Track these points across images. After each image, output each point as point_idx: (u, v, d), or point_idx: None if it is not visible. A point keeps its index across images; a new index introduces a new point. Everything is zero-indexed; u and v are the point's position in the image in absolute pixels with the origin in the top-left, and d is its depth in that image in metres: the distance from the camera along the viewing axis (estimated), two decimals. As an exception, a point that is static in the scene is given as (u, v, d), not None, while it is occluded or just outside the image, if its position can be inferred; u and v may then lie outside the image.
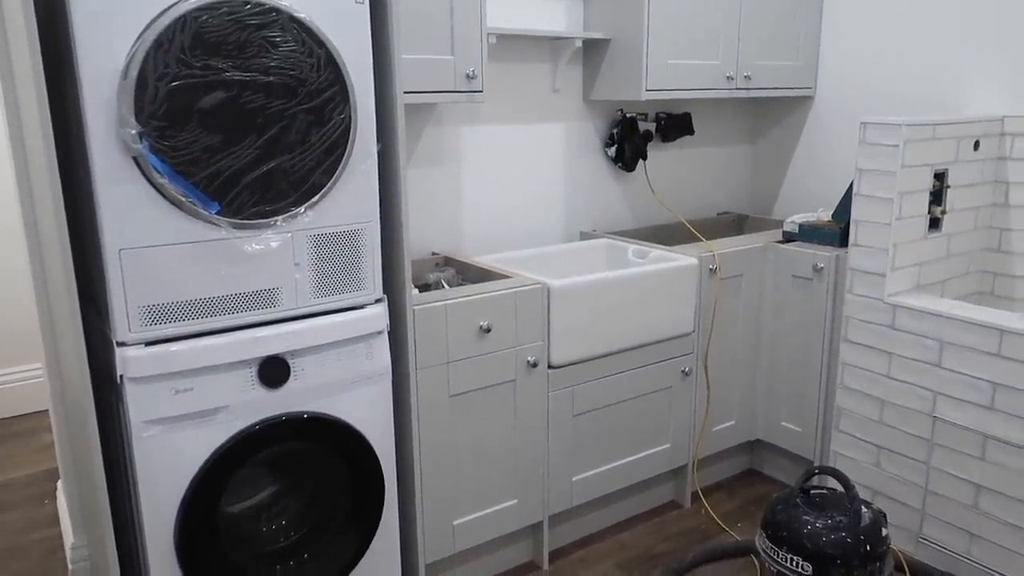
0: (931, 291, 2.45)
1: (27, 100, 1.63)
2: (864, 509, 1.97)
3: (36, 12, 1.45)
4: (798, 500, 2.01)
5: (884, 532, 1.94)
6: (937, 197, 2.40)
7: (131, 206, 1.49)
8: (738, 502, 2.77)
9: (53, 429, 2.47)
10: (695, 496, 2.76)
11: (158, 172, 1.48)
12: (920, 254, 2.40)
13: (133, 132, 1.44)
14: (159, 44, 1.44)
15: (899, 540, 2.38)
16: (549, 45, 2.74)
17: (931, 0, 2.72)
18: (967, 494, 2.19)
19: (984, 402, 2.11)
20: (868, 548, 1.90)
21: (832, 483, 2.45)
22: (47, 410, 2.68)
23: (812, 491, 2.05)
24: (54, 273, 1.74)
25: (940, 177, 2.39)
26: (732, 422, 2.81)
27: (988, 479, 2.13)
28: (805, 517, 1.96)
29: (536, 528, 2.39)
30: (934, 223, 2.41)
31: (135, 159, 1.47)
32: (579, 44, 2.68)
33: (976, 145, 2.46)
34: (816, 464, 2.65)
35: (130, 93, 1.43)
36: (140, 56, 1.43)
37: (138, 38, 1.43)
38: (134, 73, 1.43)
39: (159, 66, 1.44)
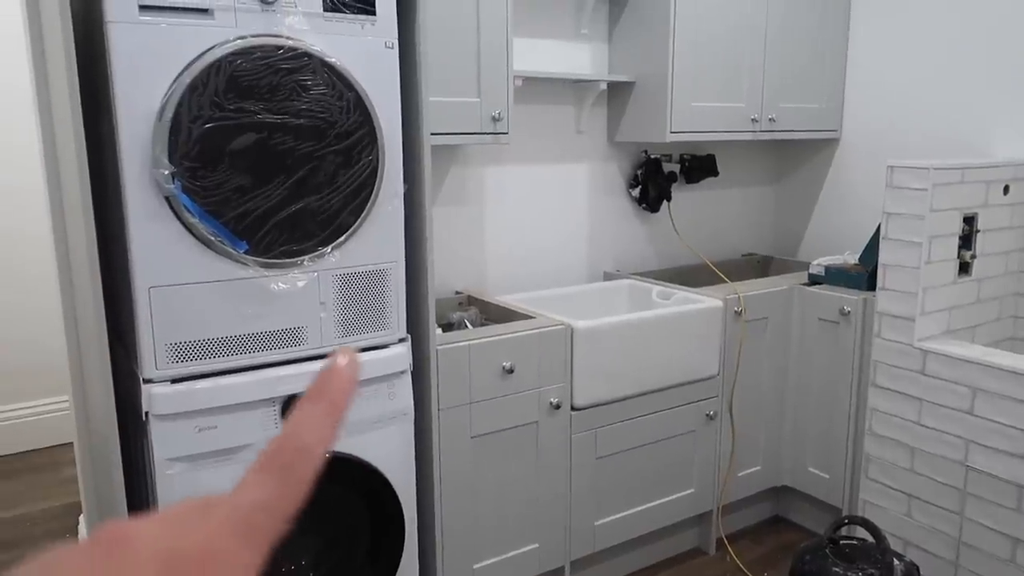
0: (962, 336, 2.41)
1: (64, 139, 1.67)
2: (896, 561, 1.92)
3: (76, 54, 1.49)
4: (827, 551, 1.96)
5: (917, 586, 1.88)
6: (967, 241, 2.37)
7: (162, 244, 1.51)
8: (764, 550, 2.71)
9: (77, 463, 2.48)
10: (720, 543, 2.70)
11: (189, 212, 1.50)
12: (950, 299, 2.36)
13: (166, 172, 1.46)
14: (194, 87, 1.47)
15: (932, 594, 2.31)
16: (574, 87, 2.76)
17: (959, 42, 2.72)
18: (1003, 547, 2.12)
19: (1019, 451, 2.05)
20: (901, 602, 1.84)
21: (862, 533, 2.39)
22: (71, 443, 2.70)
23: (842, 541, 2.00)
24: (84, 309, 1.77)
25: (970, 221, 2.36)
26: (758, 467, 2.76)
27: (1025, 532, 2.06)
28: (835, 569, 1.90)
29: (557, 573, 2.35)
30: (964, 267, 2.38)
31: (167, 199, 1.49)
32: (604, 86, 2.70)
33: (1006, 189, 2.44)
34: (845, 513, 2.59)
35: (164, 134, 1.46)
36: (175, 99, 1.46)
37: (174, 81, 1.47)
38: (169, 115, 1.46)
39: (193, 108, 1.48)
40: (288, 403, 1.67)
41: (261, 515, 0.29)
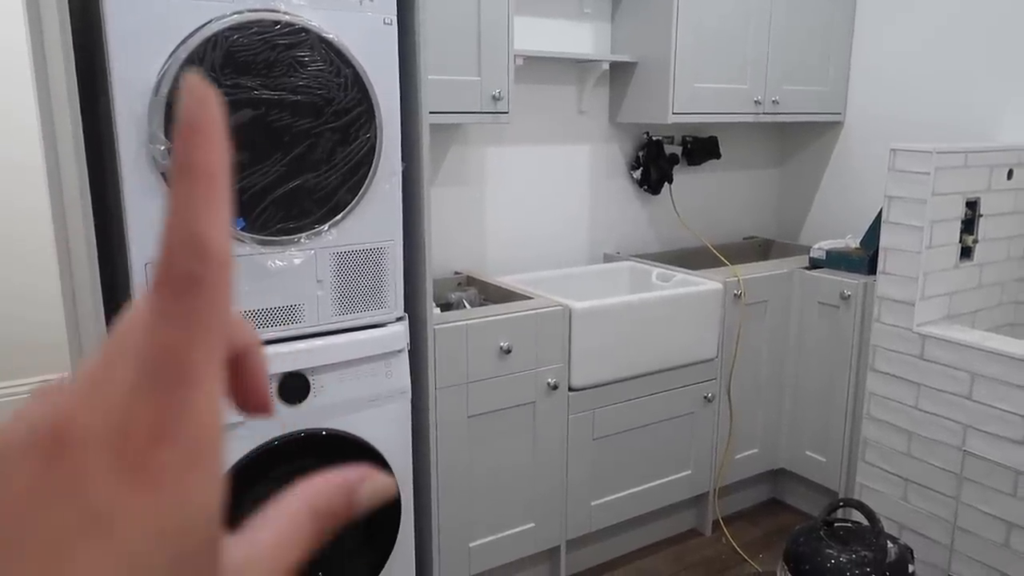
0: (962, 321, 2.40)
1: (62, 115, 1.66)
2: (890, 544, 1.92)
3: (72, 30, 1.48)
4: (822, 533, 1.97)
5: (911, 569, 1.89)
6: (969, 226, 2.36)
7: (158, 221, 1.51)
8: (760, 532, 2.72)
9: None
10: (716, 524, 2.71)
11: (185, 188, 1.49)
12: (951, 283, 2.35)
13: (162, 148, 1.46)
14: (190, 62, 1.46)
15: (926, 577, 2.32)
16: (576, 67, 2.74)
17: (964, 26, 2.69)
18: (998, 532, 2.12)
19: (1016, 437, 2.05)
20: (894, 584, 1.85)
21: (857, 516, 2.40)
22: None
23: (836, 524, 2.01)
24: (82, 285, 1.77)
25: (972, 206, 2.35)
26: (755, 450, 2.76)
27: (1020, 517, 2.07)
28: (828, 551, 1.91)
29: (553, 552, 2.36)
30: (966, 252, 2.37)
31: (163, 175, 1.49)
32: (606, 67, 2.68)
33: (1010, 174, 2.42)
34: (841, 496, 2.60)
35: (161, 110, 1.45)
36: (172, 74, 1.45)
37: (170, 56, 1.46)
38: (165, 90, 1.45)
39: (189, 84, 1.46)
40: (284, 381, 1.68)
41: (179, 354, 0.21)
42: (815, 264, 2.72)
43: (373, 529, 1.88)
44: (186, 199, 0.22)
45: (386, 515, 1.89)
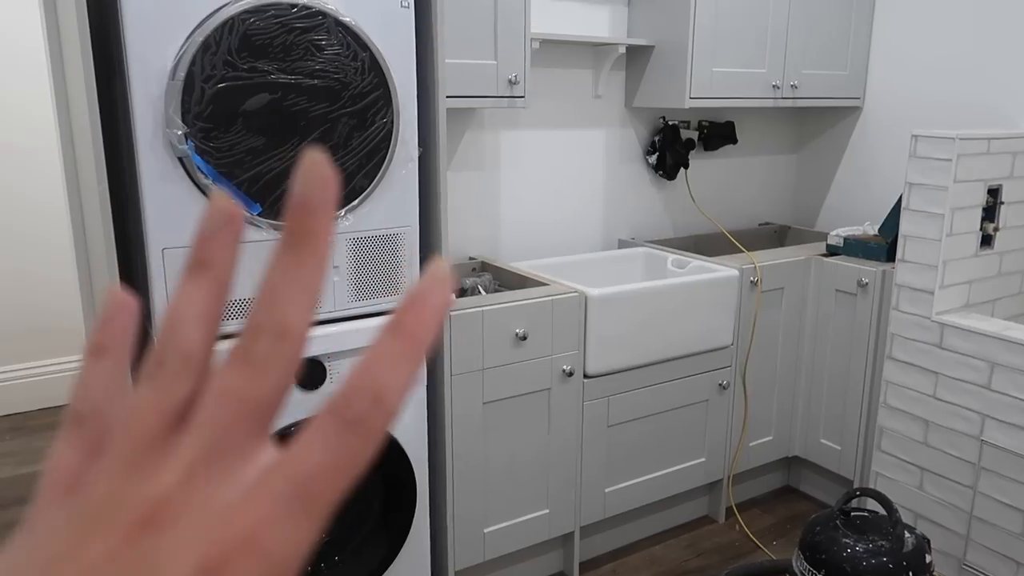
0: (981, 310, 2.38)
1: (78, 100, 1.66)
2: (907, 534, 1.91)
3: (88, 13, 1.47)
4: (838, 522, 1.96)
5: (927, 558, 1.88)
6: (990, 213, 2.32)
7: (175, 206, 1.50)
8: (774, 519, 2.71)
9: (93, 422, 2.50)
10: (729, 512, 2.71)
11: (202, 173, 1.49)
12: (970, 272, 2.33)
13: (179, 133, 1.45)
14: (207, 46, 1.45)
15: (942, 567, 2.31)
16: (592, 51, 2.71)
17: (986, 9, 2.64)
18: (1015, 522, 2.11)
19: (1036, 427, 2.03)
20: (911, 575, 1.84)
21: (873, 505, 2.39)
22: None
23: (852, 513, 2.00)
24: (98, 270, 1.77)
25: (994, 193, 2.31)
26: (769, 438, 2.75)
27: (1038, 507, 2.05)
28: (845, 540, 1.90)
29: (567, 539, 2.36)
30: (986, 240, 2.34)
31: (180, 159, 1.48)
32: (622, 50, 2.65)
33: (1032, 160, 2.38)
34: (856, 484, 2.59)
35: (177, 94, 1.44)
36: (188, 58, 1.44)
37: (186, 40, 1.45)
38: (182, 74, 1.44)
39: (206, 68, 1.46)
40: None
41: (320, 482, 0.23)
42: (832, 251, 2.70)
43: (389, 514, 1.89)
44: (387, 352, 0.24)
45: (402, 500, 1.89)
